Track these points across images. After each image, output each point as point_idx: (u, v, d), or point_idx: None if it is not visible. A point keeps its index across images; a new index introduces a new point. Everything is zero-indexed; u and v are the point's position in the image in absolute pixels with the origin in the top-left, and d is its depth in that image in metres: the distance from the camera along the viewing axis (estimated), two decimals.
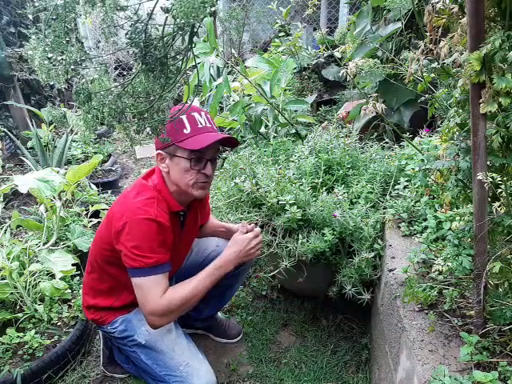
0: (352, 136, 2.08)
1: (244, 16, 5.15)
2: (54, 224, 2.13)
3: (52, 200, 2.20)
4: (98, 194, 2.67)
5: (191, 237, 1.61)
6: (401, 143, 2.18)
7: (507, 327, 1.02)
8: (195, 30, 0.72)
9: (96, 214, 2.43)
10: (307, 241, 1.64)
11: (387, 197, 1.78)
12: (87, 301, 1.52)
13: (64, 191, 2.27)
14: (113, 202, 1.49)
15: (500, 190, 1.02)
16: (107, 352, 1.71)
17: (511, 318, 1.01)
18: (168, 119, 0.87)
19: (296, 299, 2.10)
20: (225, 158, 1.58)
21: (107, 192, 2.86)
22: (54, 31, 0.69)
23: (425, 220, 1.57)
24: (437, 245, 1.39)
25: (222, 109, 3.00)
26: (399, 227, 1.64)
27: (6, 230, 2.09)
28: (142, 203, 1.29)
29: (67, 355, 1.67)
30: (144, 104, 0.82)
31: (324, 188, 1.79)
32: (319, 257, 1.68)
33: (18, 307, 1.78)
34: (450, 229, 1.39)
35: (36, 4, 0.69)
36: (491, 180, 0.93)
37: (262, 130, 2.46)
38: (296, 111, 2.58)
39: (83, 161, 3.51)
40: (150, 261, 1.27)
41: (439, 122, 2.30)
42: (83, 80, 0.77)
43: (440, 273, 1.26)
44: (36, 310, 1.75)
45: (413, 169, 1.79)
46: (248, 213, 1.81)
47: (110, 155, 3.74)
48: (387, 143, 2.16)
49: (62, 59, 0.71)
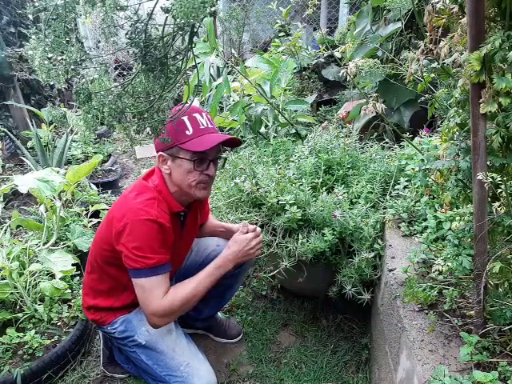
0: (352, 136, 2.08)
1: (244, 16, 5.16)
2: (54, 224, 2.13)
3: (52, 200, 2.20)
4: (98, 194, 2.67)
5: (191, 237, 1.61)
6: (401, 143, 2.18)
7: (507, 327, 1.02)
8: (195, 30, 0.72)
9: (96, 214, 2.43)
10: (307, 241, 1.64)
11: (387, 197, 1.78)
12: (87, 301, 1.52)
13: (64, 191, 2.27)
14: (113, 202, 1.50)
15: (500, 190, 1.02)
16: (107, 352, 1.71)
17: (511, 318, 1.01)
18: (168, 119, 0.87)
19: (296, 299, 2.10)
20: (225, 159, 1.58)
21: (107, 192, 2.86)
22: (54, 31, 0.69)
23: (425, 220, 1.57)
24: (437, 245, 1.39)
25: (222, 109, 3.00)
26: (399, 227, 1.64)
27: (6, 230, 2.09)
28: (143, 204, 1.29)
29: (67, 355, 1.67)
30: (144, 104, 0.82)
31: (324, 188, 1.79)
32: (319, 257, 1.68)
33: (18, 307, 1.78)
34: (450, 229, 1.39)
35: (36, 4, 0.69)
36: (491, 180, 0.93)
37: (262, 130, 2.46)
38: (296, 111, 2.58)
39: (83, 161, 3.51)
40: (151, 261, 1.27)
41: (439, 122, 2.30)
42: (83, 80, 0.77)
43: (440, 273, 1.26)
44: (36, 310, 1.75)
45: (413, 169, 1.79)
46: (248, 213, 1.81)
47: (110, 155, 3.74)
48: (387, 143, 2.16)
49: (62, 59, 0.71)
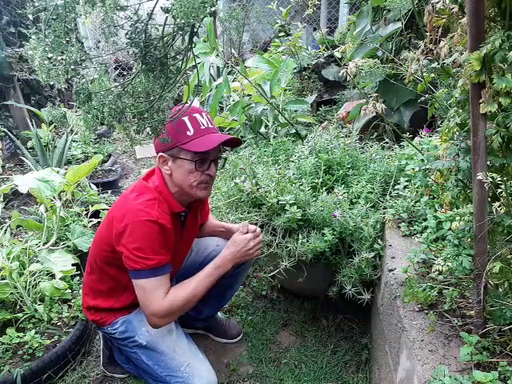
0: (352, 136, 2.08)
1: (244, 16, 5.15)
2: (54, 224, 2.13)
3: (52, 200, 2.20)
4: (98, 194, 2.67)
5: (191, 237, 1.62)
6: (401, 143, 2.18)
7: (507, 327, 1.02)
8: (195, 30, 0.72)
9: (96, 214, 2.43)
10: (307, 241, 1.64)
11: (387, 197, 1.78)
12: (87, 302, 1.52)
13: (64, 191, 2.27)
14: (113, 203, 1.49)
15: (500, 190, 1.02)
16: (107, 352, 1.71)
17: (511, 318, 1.01)
18: (168, 119, 0.87)
19: (296, 299, 2.10)
20: (226, 159, 1.58)
21: (107, 192, 2.86)
22: (54, 31, 0.69)
23: (425, 220, 1.57)
24: (437, 245, 1.39)
25: (222, 109, 3.00)
26: (399, 227, 1.64)
27: (6, 230, 2.09)
28: (144, 205, 1.29)
29: (67, 355, 1.67)
30: (144, 104, 0.82)
31: (324, 188, 1.79)
32: (319, 257, 1.68)
33: (18, 307, 1.78)
34: (450, 229, 1.39)
35: (36, 4, 0.69)
36: (491, 180, 0.93)
37: (262, 130, 2.46)
38: (296, 111, 2.58)
39: (83, 161, 3.51)
40: (152, 262, 1.27)
41: (439, 122, 2.30)
42: (83, 80, 0.77)
43: (440, 273, 1.26)
44: (36, 310, 1.75)
45: (413, 169, 1.79)
46: (248, 213, 1.81)
47: (110, 155, 3.74)
48: (387, 143, 2.16)
49: (62, 59, 0.71)
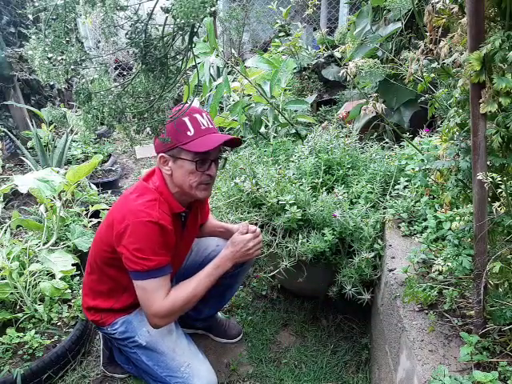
0: (352, 136, 2.08)
1: (244, 16, 5.15)
2: (54, 224, 2.13)
3: (52, 200, 2.20)
4: (98, 194, 2.67)
5: (192, 237, 1.62)
6: (401, 143, 2.18)
7: (507, 327, 1.02)
8: (195, 30, 0.72)
9: (96, 214, 2.43)
10: (307, 241, 1.64)
11: (387, 197, 1.78)
12: (87, 302, 1.52)
13: (64, 191, 2.27)
14: (113, 203, 1.49)
15: (500, 190, 1.02)
16: (107, 352, 1.71)
17: (511, 318, 1.01)
18: (168, 119, 0.87)
19: (296, 299, 2.10)
20: (226, 159, 1.58)
21: (107, 192, 2.86)
22: (54, 31, 0.69)
23: (425, 220, 1.57)
24: (437, 245, 1.39)
25: (222, 109, 3.00)
26: (399, 227, 1.64)
27: (6, 230, 2.08)
28: (144, 205, 1.29)
29: (67, 355, 1.67)
30: (144, 104, 0.82)
31: (324, 188, 1.79)
32: (319, 257, 1.68)
33: (18, 307, 1.78)
34: (450, 229, 1.39)
35: (36, 4, 0.69)
36: (491, 180, 0.93)
37: (262, 130, 2.46)
38: (296, 111, 2.58)
39: (83, 161, 3.50)
40: (152, 264, 1.27)
41: (439, 122, 2.30)
42: (83, 80, 0.77)
43: (440, 273, 1.26)
44: (36, 310, 1.75)
45: (413, 169, 1.79)
46: (248, 213, 1.81)
47: (110, 155, 3.74)
48: (387, 143, 2.16)
49: (62, 59, 0.71)
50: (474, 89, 0.91)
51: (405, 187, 1.76)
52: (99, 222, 2.35)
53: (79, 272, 1.97)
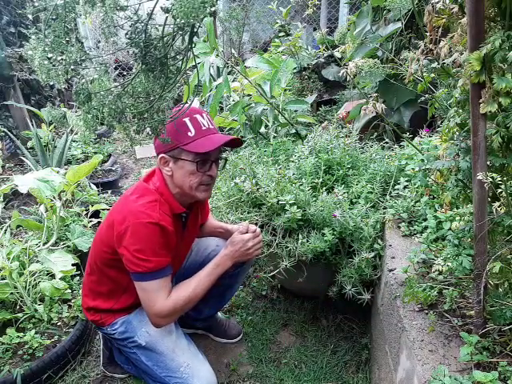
0: (352, 136, 2.08)
1: (244, 16, 5.15)
2: (54, 224, 2.13)
3: (52, 200, 2.20)
4: (98, 194, 2.67)
5: (192, 237, 1.62)
6: (401, 143, 2.18)
7: (507, 327, 1.02)
8: (195, 30, 0.72)
9: (96, 214, 2.43)
10: (307, 241, 1.64)
11: (387, 197, 1.78)
12: (87, 302, 1.52)
13: (64, 191, 2.27)
14: (113, 203, 1.49)
15: (500, 190, 1.02)
16: (107, 352, 1.71)
17: (511, 318, 1.01)
18: (168, 119, 0.87)
19: (296, 299, 2.10)
20: (226, 159, 1.58)
21: (107, 192, 2.86)
22: (54, 31, 0.69)
23: (425, 220, 1.57)
24: (437, 245, 1.39)
25: (222, 109, 3.00)
26: (399, 227, 1.64)
27: (6, 230, 2.08)
28: (145, 207, 1.29)
29: (67, 355, 1.67)
30: (144, 104, 0.82)
31: (324, 188, 1.79)
32: (319, 257, 1.68)
33: (18, 307, 1.78)
34: (450, 229, 1.39)
35: (36, 4, 0.69)
36: (491, 180, 0.93)
37: (262, 130, 2.46)
38: (296, 111, 2.58)
39: (83, 161, 3.50)
40: (153, 265, 1.28)
41: (439, 122, 2.30)
42: (83, 80, 0.77)
43: (440, 273, 1.26)
44: (36, 310, 1.75)
45: (413, 169, 1.79)
46: (248, 213, 1.81)
47: (110, 155, 3.74)
48: (387, 143, 2.16)
49: (62, 59, 0.71)
50: (474, 89, 0.91)
51: (405, 187, 1.76)
52: (99, 222, 2.35)
53: (79, 272, 1.97)
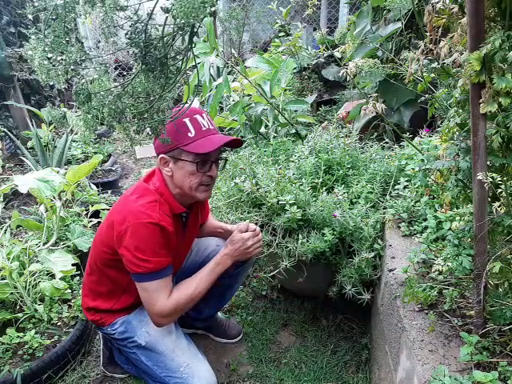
0: (352, 136, 2.08)
1: (244, 16, 5.15)
2: (54, 224, 2.13)
3: (52, 200, 2.20)
4: (98, 194, 2.67)
5: (192, 237, 1.62)
6: (401, 143, 2.18)
7: (507, 327, 1.02)
8: (195, 30, 0.72)
9: (96, 214, 2.43)
10: (307, 241, 1.64)
11: (387, 197, 1.78)
12: (87, 302, 1.52)
13: (64, 191, 2.27)
14: (113, 203, 1.49)
15: (500, 190, 1.02)
16: (107, 352, 1.71)
17: (511, 318, 1.01)
18: (168, 119, 0.87)
19: (296, 299, 2.10)
20: (226, 160, 1.58)
21: (107, 192, 2.86)
22: (54, 31, 0.69)
23: (425, 220, 1.57)
24: (437, 245, 1.39)
25: (222, 109, 3.00)
26: (399, 227, 1.64)
27: (6, 230, 2.08)
28: (145, 207, 1.29)
29: (67, 355, 1.67)
30: (144, 104, 0.82)
31: (324, 188, 1.79)
32: (319, 257, 1.68)
33: (18, 307, 1.78)
34: (450, 229, 1.39)
35: (36, 4, 0.69)
36: (491, 180, 0.93)
37: (262, 130, 2.46)
38: (296, 111, 2.58)
39: (83, 161, 3.51)
40: (153, 265, 1.28)
41: (439, 122, 2.30)
42: (83, 80, 0.77)
43: (440, 273, 1.26)
44: (36, 310, 1.75)
45: (413, 169, 1.79)
46: (248, 213, 1.81)
47: (110, 155, 3.74)
48: (387, 143, 2.16)
49: (62, 59, 0.71)
50: (474, 89, 0.91)
51: (405, 187, 1.76)
52: (99, 222, 2.35)
53: (79, 272, 1.97)
